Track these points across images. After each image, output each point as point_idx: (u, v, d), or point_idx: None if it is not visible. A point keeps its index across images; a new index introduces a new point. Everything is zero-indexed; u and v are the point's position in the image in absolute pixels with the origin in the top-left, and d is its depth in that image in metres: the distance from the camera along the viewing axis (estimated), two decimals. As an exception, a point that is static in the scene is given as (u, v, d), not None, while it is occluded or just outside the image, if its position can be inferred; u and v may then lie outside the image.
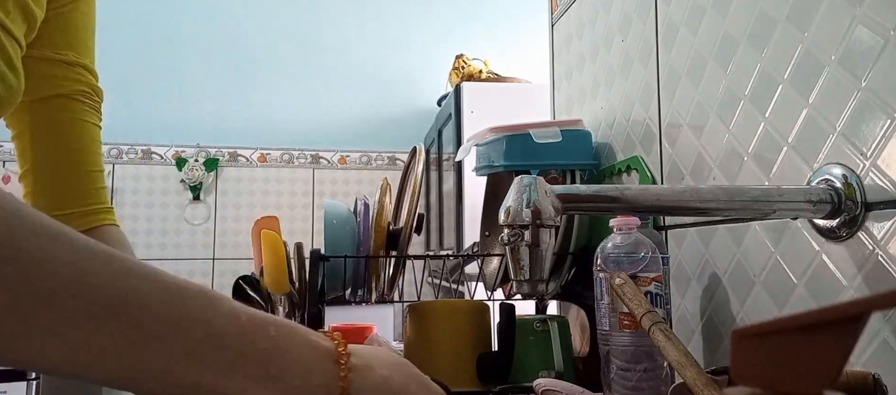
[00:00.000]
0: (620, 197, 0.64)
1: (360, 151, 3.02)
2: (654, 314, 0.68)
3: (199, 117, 2.93)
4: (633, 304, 0.71)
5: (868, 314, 0.24)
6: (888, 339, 0.59)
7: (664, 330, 0.66)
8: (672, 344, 0.64)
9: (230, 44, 2.98)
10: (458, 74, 2.50)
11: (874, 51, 0.61)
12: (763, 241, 0.75)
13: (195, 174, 2.84)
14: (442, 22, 3.13)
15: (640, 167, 1.02)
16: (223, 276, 2.85)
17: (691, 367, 0.61)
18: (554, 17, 1.44)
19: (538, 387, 0.80)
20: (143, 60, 2.86)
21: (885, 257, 0.60)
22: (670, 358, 0.63)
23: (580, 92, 1.28)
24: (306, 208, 2.96)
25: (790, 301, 0.71)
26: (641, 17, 1.04)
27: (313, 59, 3.04)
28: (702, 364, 0.78)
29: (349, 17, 3.08)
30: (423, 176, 1.07)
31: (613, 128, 1.13)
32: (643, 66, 1.03)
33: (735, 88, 0.81)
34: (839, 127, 0.65)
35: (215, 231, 2.88)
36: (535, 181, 0.63)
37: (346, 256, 1.01)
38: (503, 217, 0.63)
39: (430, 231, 2.68)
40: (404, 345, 0.97)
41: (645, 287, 0.76)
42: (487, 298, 1.07)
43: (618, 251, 0.78)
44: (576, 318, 1.12)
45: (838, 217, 0.63)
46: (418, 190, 1.03)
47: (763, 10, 0.76)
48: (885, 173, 0.60)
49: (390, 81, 3.09)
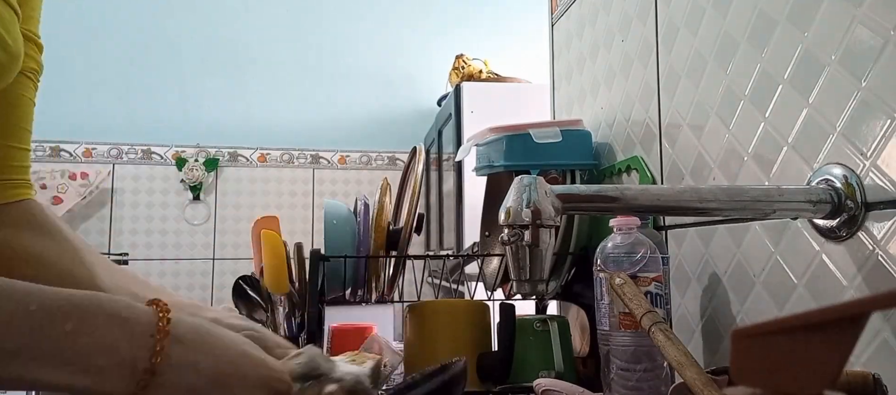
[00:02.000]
0: (620, 197, 0.64)
1: (360, 151, 3.02)
2: (654, 314, 0.68)
3: (199, 117, 2.93)
4: (633, 304, 0.71)
5: (868, 314, 0.24)
6: (888, 339, 0.59)
7: (664, 330, 0.66)
8: (672, 344, 0.64)
9: (230, 44, 2.98)
10: (458, 74, 2.50)
11: (874, 51, 0.61)
12: (763, 241, 0.75)
13: (195, 174, 2.84)
14: (442, 22, 3.13)
15: (640, 167, 1.02)
16: (223, 276, 2.85)
17: (691, 367, 0.61)
18: (554, 17, 1.44)
19: (538, 387, 0.80)
20: (142, 60, 2.86)
21: (885, 257, 0.60)
22: (670, 358, 0.63)
23: (580, 92, 1.28)
24: (306, 208, 2.97)
25: (790, 301, 0.71)
26: (641, 17, 1.04)
27: (313, 60, 3.04)
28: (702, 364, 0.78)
29: (349, 17, 3.08)
30: (423, 176, 1.07)
31: (613, 128, 1.13)
32: (643, 66, 1.03)
33: (735, 88, 0.81)
34: (839, 127, 0.65)
35: (215, 231, 2.88)
36: (535, 181, 0.63)
37: (346, 256, 1.01)
38: (503, 217, 0.63)
39: (430, 231, 2.68)
40: (404, 345, 0.97)
41: (645, 287, 0.76)
42: (487, 298, 1.07)
43: (618, 251, 0.78)
44: (576, 318, 1.12)
45: (838, 217, 0.63)
46: (418, 190, 1.03)
47: (763, 10, 0.76)
48: (885, 173, 0.60)
49: (390, 81, 3.09)
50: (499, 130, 1.08)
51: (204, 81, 2.95)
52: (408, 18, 3.12)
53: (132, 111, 2.85)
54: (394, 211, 1.12)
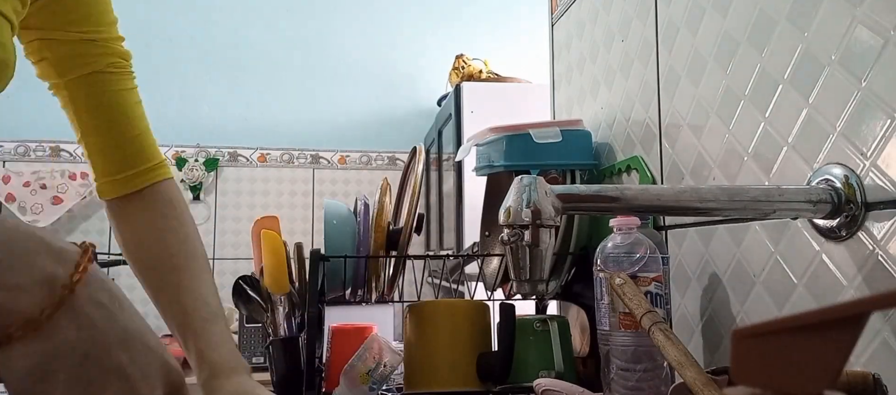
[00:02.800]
0: (620, 197, 0.64)
1: (360, 151, 3.02)
2: (654, 314, 0.69)
3: (199, 117, 2.93)
4: (633, 304, 0.71)
5: (868, 314, 0.24)
6: (888, 339, 0.59)
7: (664, 330, 0.66)
8: (672, 344, 0.64)
9: (230, 44, 2.98)
10: (458, 74, 2.50)
11: (874, 51, 0.61)
12: (763, 241, 0.75)
13: (195, 174, 2.84)
14: (442, 22, 3.13)
15: (640, 167, 1.02)
16: (223, 276, 2.85)
17: (691, 367, 0.61)
18: (554, 17, 1.44)
19: (538, 387, 0.80)
20: (142, 60, 2.83)
21: (885, 257, 0.60)
22: (670, 358, 0.63)
23: (580, 92, 1.28)
24: (306, 208, 2.96)
25: (790, 301, 0.71)
26: (641, 17, 1.04)
27: (313, 60, 3.04)
28: (702, 364, 0.78)
29: (349, 17, 3.08)
30: (423, 176, 1.07)
31: (613, 128, 1.13)
32: (643, 66, 1.03)
33: (735, 88, 0.81)
34: (839, 127, 0.65)
35: (215, 231, 2.88)
36: (535, 181, 0.63)
37: (346, 256, 1.01)
38: (503, 217, 0.63)
39: (430, 231, 2.68)
40: (404, 345, 0.97)
41: (645, 287, 0.76)
42: (487, 298, 1.07)
43: (618, 251, 0.78)
44: (576, 318, 1.12)
45: (838, 217, 0.63)
46: (418, 190, 1.03)
47: (763, 10, 0.76)
48: (885, 173, 0.60)
49: (390, 81, 3.09)
50: (499, 130, 1.08)
51: (204, 81, 2.94)
52: (408, 18, 3.12)
53: (132, 111, 2.85)
54: (394, 211, 1.12)
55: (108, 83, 0.78)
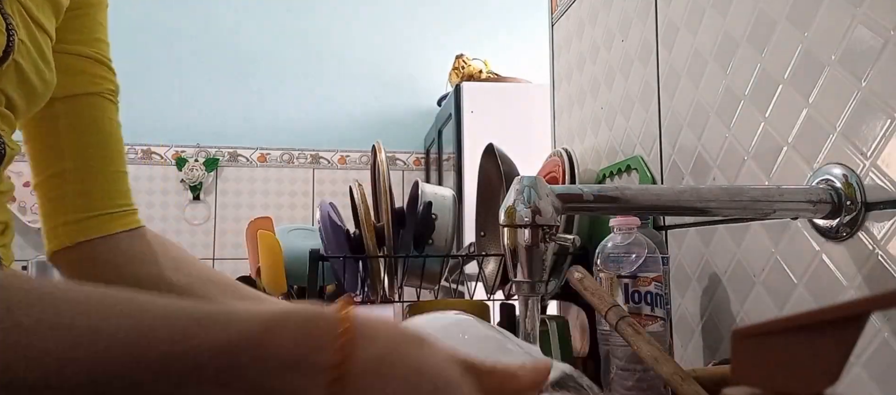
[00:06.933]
0: (620, 197, 0.64)
1: (360, 151, 3.02)
2: (620, 309, 0.68)
3: (199, 117, 2.93)
4: (595, 299, 0.69)
5: (868, 314, 0.24)
6: (888, 339, 0.59)
7: (632, 324, 0.65)
8: (643, 339, 0.63)
9: (230, 44, 2.98)
10: (458, 74, 2.50)
11: (874, 51, 0.61)
12: (763, 241, 0.75)
13: (195, 174, 2.84)
14: (442, 22, 3.13)
15: (640, 167, 1.02)
16: (223, 276, 2.85)
17: (667, 362, 0.60)
18: (554, 17, 1.44)
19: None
20: (142, 60, 2.86)
21: (885, 257, 0.60)
22: (643, 354, 0.62)
23: (580, 92, 1.28)
24: (306, 208, 2.96)
25: (790, 301, 0.71)
26: (641, 17, 1.04)
27: (313, 59, 3.04)
28: (702, 364, 0.78)
29: (349, 17, 3.08)
30: (388, 170, 1.06)
31: (613, 128, 1.13)
32: (643, 66, 1.03)
33: (735, 88, 0.81)
34: (839, 127, 0.65)
35: (215, 231, 2.88)
36: (536, 181, 0.63)
37: (346, 256, 1.01)
38: (503, 217, 0.63)
39: (430, 231, 2.68)
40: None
41: (645, 287, 0.76)
42: (487, 298, 1.07)
43: (618, 251, 0.78)
44: (576, 318, 1.12)
45: (838, 217, 0.63)
46: (387, 185, 1.03)
47: (763, 10, 0.76)
48: (885, 173, 0.60)
49: (390, 81, 3.09)
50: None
51: (204, 81, 2.94)
52: (408, 18, 3.12)
53: (132, 111, 2.84)
54: (374, 210, 1.12)
55: (108, 110, 0.75)
